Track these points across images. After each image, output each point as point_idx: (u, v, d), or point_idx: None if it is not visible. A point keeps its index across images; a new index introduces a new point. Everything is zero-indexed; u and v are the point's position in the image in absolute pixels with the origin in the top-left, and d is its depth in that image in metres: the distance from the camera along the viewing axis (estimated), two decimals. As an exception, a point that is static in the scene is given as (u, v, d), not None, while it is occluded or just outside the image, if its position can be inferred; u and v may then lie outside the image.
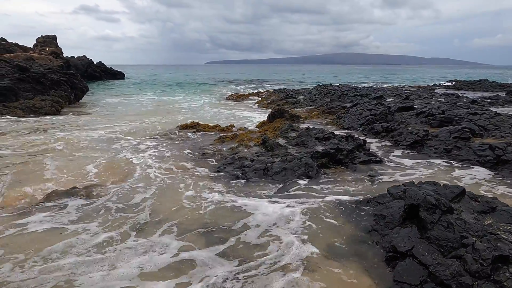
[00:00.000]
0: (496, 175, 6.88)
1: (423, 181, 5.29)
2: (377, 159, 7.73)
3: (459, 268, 3.31)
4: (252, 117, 16.00)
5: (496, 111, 11.10)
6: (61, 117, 15.12)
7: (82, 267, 3.84)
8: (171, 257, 4.07)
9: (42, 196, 5.84)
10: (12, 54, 29.27)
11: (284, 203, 5.59)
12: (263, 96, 25.96)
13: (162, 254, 4.14)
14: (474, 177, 6.75)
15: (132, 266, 3.87)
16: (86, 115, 16.40)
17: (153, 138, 10.71)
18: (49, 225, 4.88)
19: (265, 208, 5.41)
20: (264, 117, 14.44)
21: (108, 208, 5.45)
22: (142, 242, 4.41)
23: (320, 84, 26.87)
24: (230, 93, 29.90)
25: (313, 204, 5.51)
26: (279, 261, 3.98)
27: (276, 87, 34.86)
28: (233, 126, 12.32)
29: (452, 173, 7.05)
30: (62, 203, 5.59)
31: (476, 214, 4.18)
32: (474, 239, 3.54)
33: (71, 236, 4.54)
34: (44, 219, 5.04)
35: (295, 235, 4.56)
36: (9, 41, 37.30)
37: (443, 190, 4.71)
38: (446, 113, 10.86)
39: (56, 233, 4.66)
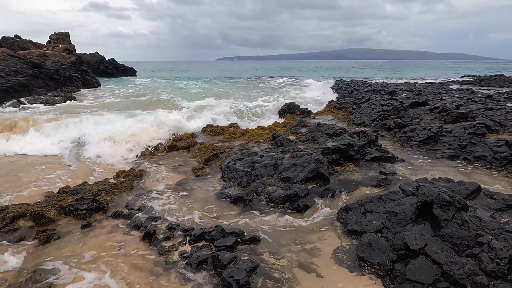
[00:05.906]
0: (513, 171, 6.67)
1: (437, 178, 5.17)
2: (389, 155, 7.56)
3: (474, 267, 3.20)
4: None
5: (513, 107, 10.79)
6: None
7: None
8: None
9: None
10: (26, 51, 29.67)
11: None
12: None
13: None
14: (490, 174, 6.57)
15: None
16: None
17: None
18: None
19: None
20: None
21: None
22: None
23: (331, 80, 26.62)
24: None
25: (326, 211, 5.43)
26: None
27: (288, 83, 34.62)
28: (243, 122, 12.26)
29: (466, 170, 6.87)
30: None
31: (492, 212, 4.06)
32: (490, 237, 3.42)
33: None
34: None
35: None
36: (23, 38, 37.86)
37: (457, 187, 4.59)
38: (460, 108, 10.61)
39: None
